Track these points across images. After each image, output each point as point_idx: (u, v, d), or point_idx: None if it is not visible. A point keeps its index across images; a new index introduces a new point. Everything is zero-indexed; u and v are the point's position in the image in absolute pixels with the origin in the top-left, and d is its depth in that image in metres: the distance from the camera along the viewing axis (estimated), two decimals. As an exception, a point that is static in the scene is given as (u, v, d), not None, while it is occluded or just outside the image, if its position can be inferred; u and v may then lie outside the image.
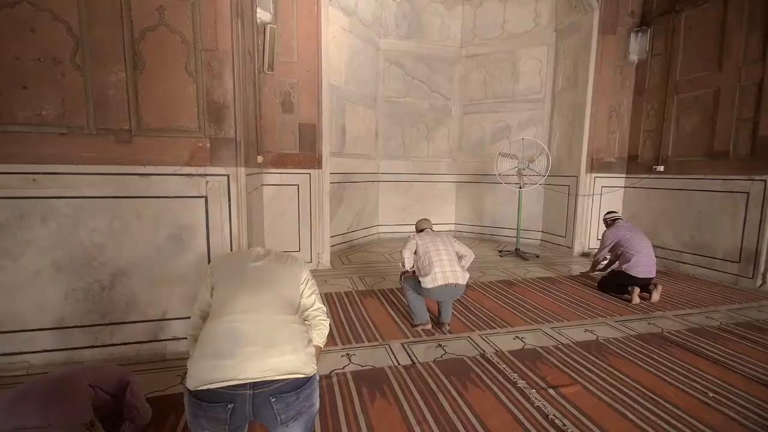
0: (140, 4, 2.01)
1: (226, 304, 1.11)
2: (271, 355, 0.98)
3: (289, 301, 1.18)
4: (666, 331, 2.75)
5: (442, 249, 2.67)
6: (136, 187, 2.09)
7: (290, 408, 0.98)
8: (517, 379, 2.07)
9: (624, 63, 4.94)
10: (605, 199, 5.11)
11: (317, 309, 1.37)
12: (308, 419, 1.05)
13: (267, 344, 1.00)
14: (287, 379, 0.97)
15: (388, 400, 1.86)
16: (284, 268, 1.33)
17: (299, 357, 1.01)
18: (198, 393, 0.94)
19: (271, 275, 1.26)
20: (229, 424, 0.95)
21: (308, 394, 1.01)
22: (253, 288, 1.18)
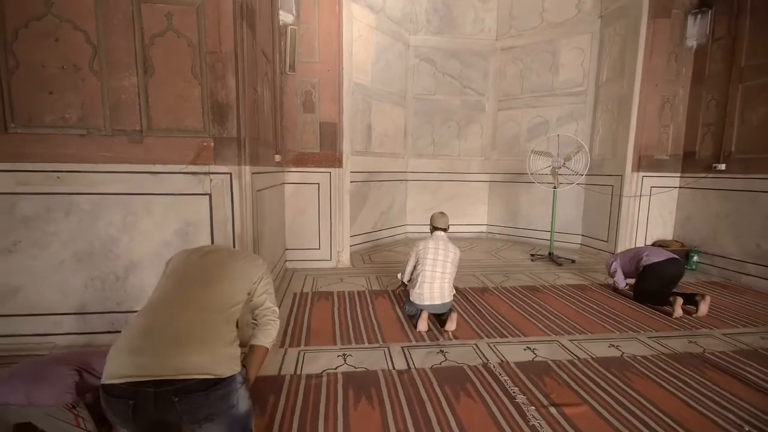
0: (150, 12, 2.13)
1: (153, 300, 1.13)
2: (180, 354, 0.98)
3: (222, 300, 1.16)
4: (708, 351, 2.41)
5: (439, 265, 2.77)
6: (146, 184, 2.22)
7: (198, 409, 0.96)
8: (516, 394, 1.91)
9: (680, 49, 4.43)
10: (655, 201, 4.63)
11: (266, 309, 1.36)
12: (232, 421, 1.03)
13: (178, 343, 1.00)
14: (193, 380, 0.95)
15: (372, 405, 1.81)
16: (232, 265, 1.33)
17: (213, 357, 0.99)
18: (105, 386, 0.95)
19: (211, 273, 1.25)
20: (133, 420, 0.95)
21: (222, 396, 0.99)
22: (184, 285, 1.18)
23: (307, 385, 1.95)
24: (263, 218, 2.88)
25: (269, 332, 1.36)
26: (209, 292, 1.17)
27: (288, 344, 2.41)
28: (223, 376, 0.99)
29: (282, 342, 2.43)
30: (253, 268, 1.38)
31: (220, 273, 1.27)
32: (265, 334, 1.35)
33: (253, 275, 1.36)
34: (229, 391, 1.00)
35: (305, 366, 2.15)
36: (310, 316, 2.85)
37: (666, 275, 3.08)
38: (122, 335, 1.04)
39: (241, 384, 1.04)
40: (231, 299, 1.19)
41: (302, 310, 2.95)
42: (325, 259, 4.18)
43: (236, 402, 1.02)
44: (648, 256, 3.20)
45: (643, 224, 4.63)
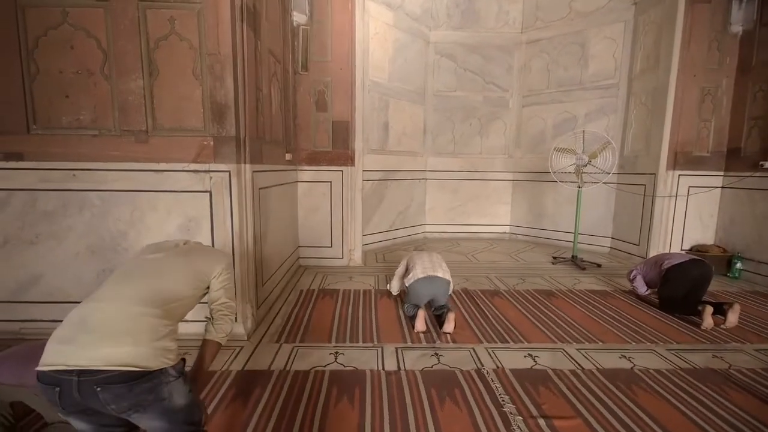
0: (154, 17, 2.22)
1: (94, 292, 1.16)
2: (105, 345, 1.00)
3: (161, 295, 1.17)
4: (734, 367, 2.18)
5: (426, 257, 2.89)
6: (151, 181, 2.32)
7: (120, 399, 0.98)
8: (505, 402, 1.82)
9: (722, 36, 4.04)
10: (693, 202, 4.26)
11: (222, 304, 1.37)
12: (166, 412, 1.04)
13: (106, 334, 1.02)
14: (116, 371, 0.97)
15: (352, 405, 1.79)
16: (185, 260, 1.35)
17: (140, 350, 1.01)
18: (37, 372, 1.00)
19: (157, 267, 1.27)
20: (61, 405, 0.99)
21: (148, 389, 1.00)
22: (125, 278, 1.21)
23: (293, 382, 1.97)
24: (268, 215, 2.94)
25: (221, 327, 1.38)
26: (147, 286, 1.18)
27: (284, 340, 2.44)
28: (149, 369, 1.00)
29: (278, 338, 2.47)
30: (210, 264, 1.39)
31: (168, 268, 1.29)
32: (217, 329, 1.37)
33: (210, 271, 1.37)
34: (157, 384, 1.02)
35: (296, 362, 2.17)
36: (311, 313, 2.87)
37: (689, 278, 2.82)
38: (60, 325, 1.09)
39: (175, 377, 1.05)
40: (173, 294, 1.21)
41: (305, 307, 2.98)
42: (337, 257, 4.21)
43: (167, 395, 1.03)
44: (669, 260, 2.96)
45: (679, 227, 4.27)
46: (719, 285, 3.74)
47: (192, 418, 1.13)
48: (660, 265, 3.02)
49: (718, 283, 3.81)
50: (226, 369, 2.08)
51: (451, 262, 4.44)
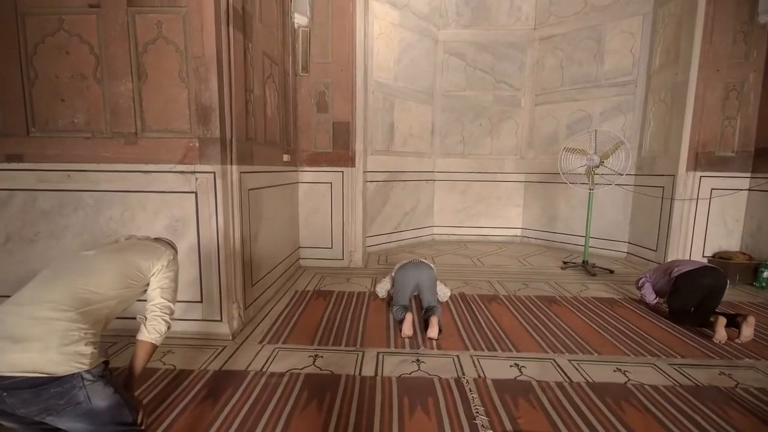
0: (143, 21, 2.28)
1: (15, 293, 1.15)
2: (13, 351, 1.00)
3: (85, 295, 1.14)
4: (742, 386, 2.00)
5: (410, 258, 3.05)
6: (141, 182, 2.38)
7: (28, 404, 0.98)
8: (479, 414, 1.74)
9: (749, 27, 3.75)
10: (717, 206, 3.97)
11: (157, 304, 1.33)
12: (86, 415, 1.03)
13: (14, 340, 1.01)
14: (21, 377, 0.97)
15: (320, 410, 1.75)
16: (119, 255, 1.32)
17: (47, 356, 1.00)
18: None
19: (86, 265, 1.25)
20: None
21: (58, 394, 0.99)
22: (50, 279, 1.19)
23: (266, 384, 1.96)
24: (260, 216, 2.96)
25: (155, 327, 1.33)
26: (67, 287, 1.16)
27: (267, 341, 2.44)
28: (57, 375, 1.00)
29: (262, 339, 2.47)
30: (147, 261, 1.36)
31: (96, 266, 1.26)
32: (149, 329, 1.33)
33: (146, 268, 1.34)
34: (68, 389, 1.01)
35: (274, 364, 2.16)
36: (301, 315, 2.86)
37: (700, 286, 2.62)
38: None
39: (92, 381, 1.04)
40: (96, 295, 1.17)
41: (295, 309, 2.98)
42: (338, 258, 4.20)
43: (83, 399, 1.03)
44: (679, 267, 2.76)
45: (700, 232, 4.00)
46: (743, 295, 3.47)
47: (120, 418, 1.12)
48: (669, 273, 2.83)
49: (742, 293, 3.54)
50: (203, 368, 2.10)
51: (454, 266, 4.38)
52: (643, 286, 3.01)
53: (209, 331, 2.46)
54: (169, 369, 2.09)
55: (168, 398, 1.82)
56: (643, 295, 3.01)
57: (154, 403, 1.78)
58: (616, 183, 4.05)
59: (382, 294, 3.12)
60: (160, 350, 2.29)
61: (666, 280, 2.85)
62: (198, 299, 2.47)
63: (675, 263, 2.90)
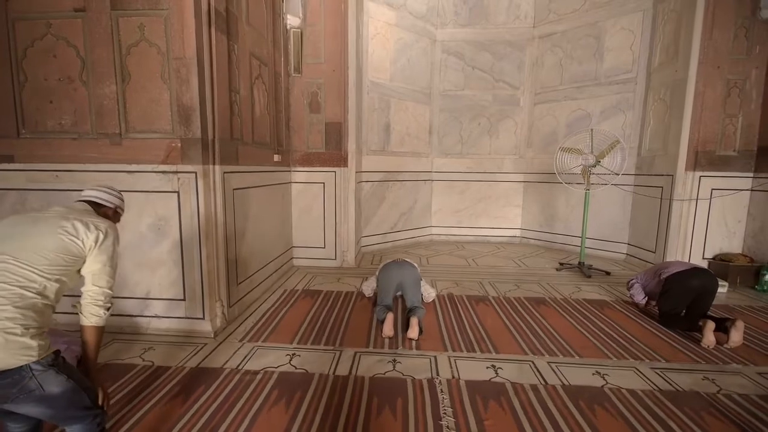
0: (126, 24, 2.33)
1: None
2: None
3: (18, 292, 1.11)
4: (724, 392, 1.93)
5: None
6: (125, 182, 2.42)
7: None
8: (445, 415, 1.72)
9: (751, 22, 3.64)
10: (717, 206, 3.86)
11: (88, 291, 1.27)
12: (39, 400, 1.05)
13: None
14: None
15: (287, 409, 1.76)
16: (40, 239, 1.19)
17: None
18: None
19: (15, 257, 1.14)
20: None
21: (11, 383, 1.02)
22: None
23: (239, 381, 1.98)
24: (247, 215, 2.98)
25: (90, 312, 1.26)
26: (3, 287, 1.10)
27: (248, 339, 2.46)
28: (5, 368, 1.03)
29: (243, 336, 2.49)
30: (75, 243, 1.22)
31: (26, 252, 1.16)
32: (85, 313, 1.26)
33: (77, 250, 1.23)
34: (18, 379, 1.03)
35: (251, 362, 2.18)
36: (285, 314, 2.88)
37: (689, 289, 2.55)
38: None
39: (42, 370, 1.05)
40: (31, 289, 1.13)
41: (281, 308, 3.00)
42: (330, 258, 4.21)
43: (35, 387, 1.05)
44: (668, 269, 2.69)
45: (700, 233, 3.89)
46: (744, 299, 3.37)
47: (78, 403, 1.15)
48: (659, 275, 2.76)
49: (743, 296, 3.44)
50: (180, 365, 2.13)
51: (448, 266, 4.35)
52: (633, 286, 2.95)
53: (192, 329, 2.50)
54: (148, 365, 2.13)
55: (141, 394, 1.85)
56: (632, 296, 2.95)
57: (127, 398, 1.81)
58: (613, 183, 3.97)
59: (368, 293, 3.13)
60: (141, 346, 2.34)
61: (656, 281, 2.79)
62: (181, 297, 2.50)
63: (665, 264, 2.84)
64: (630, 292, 2.98)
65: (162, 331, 2.51)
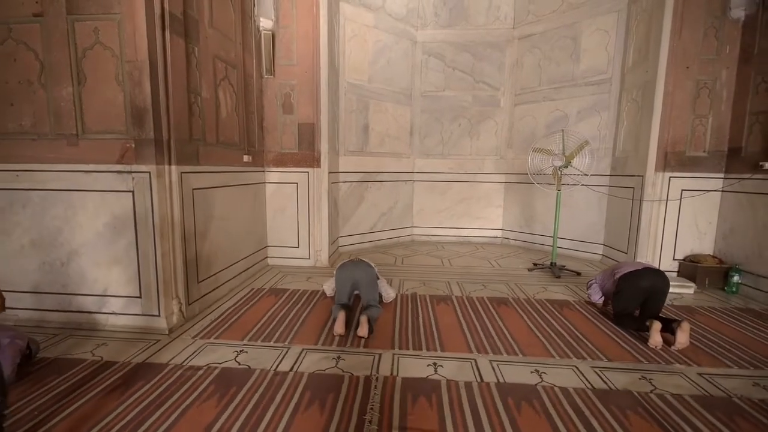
0: (81, 28, 2.39)
1: None
2: None
3: None
4: (657, 392, 1.94)
5: None
6: (82, 182, 2.49)
7: None
8: (371, 410, 1.75)
9: (721, 22, 3.63)
10: (688, 208, 3.85)
11: None
12: None
13: None
14: None
15: (218, 404, 1.80)
16: None
17: None
18: None
19: None
20: None
21: None
22: None
23: (179, 377, 2.02)
24: (210, 215, 3.04)
25: None
26: None
27: (201, 336, 2.51)
28: None
29: (197, 333, 2.54)
30: None
31: None
32: None
33: None
34: None
35: (197, 358, 2.23)
36: (245, 312, 2.93)
37: (639, 289, 2.56)
38: None
39: None
40: None
41: (242, 306, 3.05)
42: (304, 258, 4.26)
43: None
44: (622, 269, 2.71)
45: (670, 234, 3.88)
46: (711, 300, 3.36)
47: None
48: (614, 274, 2.77)
49: (711, 297, 3.43)
50: (127, 361, 2.18)
51: (421, 266, 4.38)
52: (591, 287, 2.97)
53: (148, 326, 2.55)
54: (96, 360, 2.18)
55: (81, 388, 1.91)
56: (589, 295, 2.97)
57: (64, 393, 1.87)
58: (582, 183, 3.98)
59: (330, 292, 3.17)
60: (95, 342, 2.40)
61: (612, 281, 2.80)
62: (137, 294, 2.56)
63: (619, 264, 2.85)
64: (588, 292, 2.99)
65: (119, 328, 2.57)
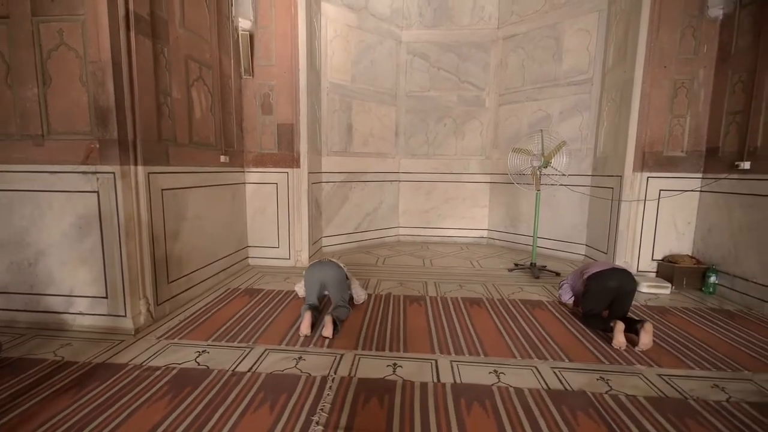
0: (46, 30, 2.40)
1: None
2: None
3: None
4: (612, 392, 1.94)
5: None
6: (48, 182, 2.50)
7: None
8: (320, 412, 1.75)
9: (699, 21, 3.62)
10: (667, 208, 3.84)
11: None
12: None
13: None
14: None
15: (168, 404, 1.80)
16: None
17: None
18: None
19: None
20: None
21: None
22: None
23: (136, 377, 2.03)
24: (182, 216, 3.04)
25: None
26: None
27: (167, 336, 2.51)
28: None
29: (164, 333, 2.54)
30: None
31: None
32: None
33: None
34: None
35: (158, 358, 2.23)
36: (216, 312, 2.93)
37: (607, 288, 2.55)
38: None
39: None
40: None
41: (215, 306, 3.05)
42: (284, 258, 4.26)
43: None
44: (590, 268, 2.71)
45: (649, 235, 3.87)
46: (688, 301, 3.36)
47: None
48: (583, 275, 2.76)
49: (687, 298, 3.43)
50: (87, 361, 2.18)
51: (402, 267, 4.37)
52: (562, 287, 2.97)
53: (114, 326, 2.56)
54: (57, 360, 2.19)
55: (35, 389, 1.91)
56: (560, 296, 2.97)
57: (19, 392, 1.87)
58: (561, 183, 3.97)
59: (301, 293, 3.17)
60: (60, 342, 2.41)
61: (581, 282, 2.79)
62: (103, 295, 2.57)
63: (588, 265, 2.85)
64: (558, 293, 2.98)
65: (85, 328, 2.58)
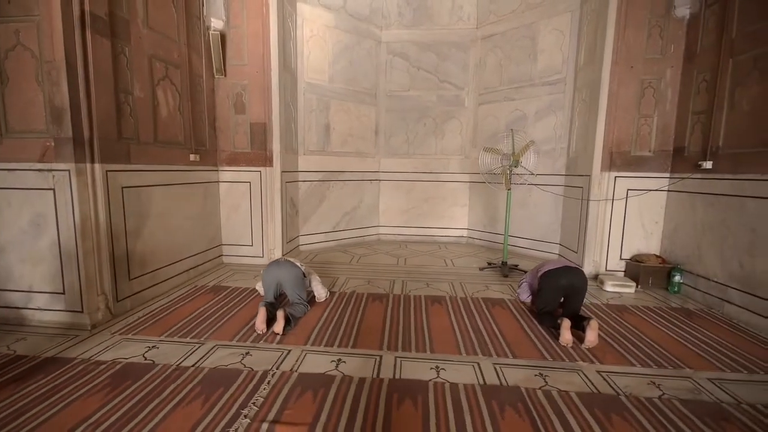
0: (4, 30, 2.44)
1: None
2: None
3: None
4: (546, 388, 1.96)
5: None
6: (6, 180, 2.54)
7: None
8: (252, 405, 1.78)
9: (666, 21, 3.63)
10: (635, 207, 3.84)
11: None
12: None
13: None
14: None
15: (104, 397, 1.83)
16: None
17: None
18: None
19: None
20: None
21: None
22: None
23: (80, 371, 2.06)
24: (144, 213, 3.08)
25: None
26: None
27: (123, 332, 2.55)
28: None
29: (120, 329, 2.58)
30: None
31: None
32: None
33: None
34: None
35: (107, 353, 2.27)
36: (177, 309, 2.97)
37: (558, 286, 2.58)
38: None
39: None
40: None
41: (178, 302, 3.09)
42: (258, 256, 4.30)
43: None
44: (544, 266, 2.73)
45: (617, 234, 3.88)
46: (650, 299, 3.37)
47: None
48: (538, 273, 2.79)
49: (650, 297, 3.44)
50: (38, 355, 2.22)
51: (374, 265, 4.40)
52: (521, 285, 2.99)
53: (71, 322, 2.60)
54: (8, 354, 2.23)
55: (-21, 380, 1.95)
56: (519, 294, 2.99)
57: (-39, 384, 1.92)
58: (530, 183, 3.99)
59: (262, 291, 3.19)
60: (17, 337, 2.46)
61: (537, 280, 2.81)
62: (60, 291, 2.61)
63: (543, 263, 2.87)
64: (518, 291, 3.01)
65: (44, 323, 2.62)
